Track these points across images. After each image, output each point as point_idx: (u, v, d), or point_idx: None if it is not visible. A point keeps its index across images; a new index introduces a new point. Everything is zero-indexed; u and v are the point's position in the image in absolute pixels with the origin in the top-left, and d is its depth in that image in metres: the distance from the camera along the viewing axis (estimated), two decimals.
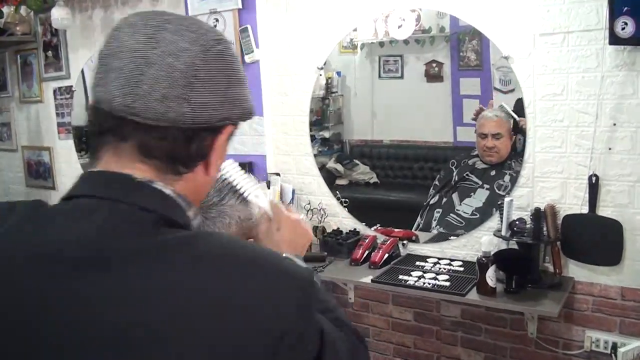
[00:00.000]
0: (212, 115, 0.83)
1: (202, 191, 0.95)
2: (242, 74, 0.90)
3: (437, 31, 2.82)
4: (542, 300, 2.31)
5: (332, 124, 3.28)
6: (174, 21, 0.84)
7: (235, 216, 1.22)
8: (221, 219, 1.20)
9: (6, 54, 4.63)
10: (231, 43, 0.91)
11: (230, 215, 1.21)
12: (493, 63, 2.69)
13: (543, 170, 2.52)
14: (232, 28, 3.05)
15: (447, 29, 2.82)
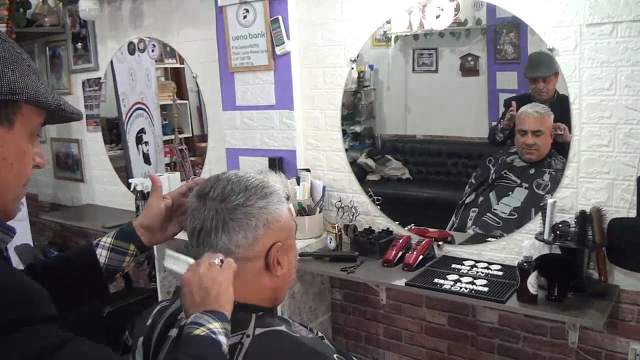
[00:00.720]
0: None
1: None
2: None
3: (474, 24, 2.74)
4: (585, 309, 2.21)
5: (364, 118, 3.23)
6: None
7: (263, 218, 1.17)
8: (247, 221, 1.15)
9: (35, 45, 4.69)
10: None
11: (257, 217, 1.16)
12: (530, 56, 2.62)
13: (588, 171, 2.41)
14: (263, 19, 3.00)
15: (484, 22, 2.73)
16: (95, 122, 4.28)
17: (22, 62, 0.97)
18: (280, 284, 1.24)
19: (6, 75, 0.92)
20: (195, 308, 1.08)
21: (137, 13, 3.82)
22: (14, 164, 0.98)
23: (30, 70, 0.98)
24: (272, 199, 1.19)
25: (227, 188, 1.17)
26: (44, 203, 5.01)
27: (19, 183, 1.02)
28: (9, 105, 0.94)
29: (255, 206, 1.16)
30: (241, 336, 1.10)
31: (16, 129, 0.96)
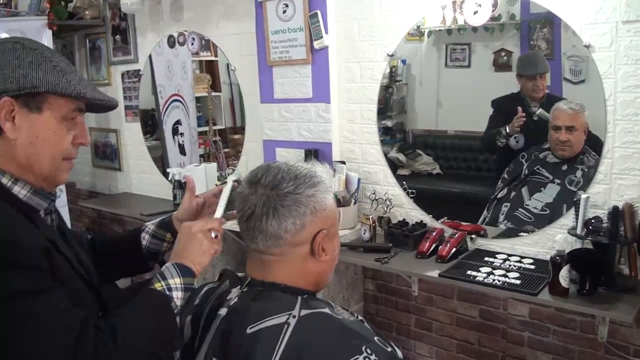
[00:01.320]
0: None
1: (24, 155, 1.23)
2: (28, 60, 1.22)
3: (507, 19, 2.74)
4: (616, 303, 2.23)
5: (395, 113, 3.23)
6: None
7: (311, 206, 1.23)
8: (296, 208, 1.22)
9: (75, 37, 4.77)
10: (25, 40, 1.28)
11: (305, 205, 1.22)
12: (564, 52, 2.59)
13: (622, 167, 2.42)
14: (302, 13, 3.05)
15: (518, 17, 2.73)
16: (134, 112, 4.37)
17: (46, 63, 1.23)
18: (324, 270, 1.30)
19: (30, 74, 1.21)
20: (175, 256, 1.33)
21: (177, 7, 3.88)
22: (46, 141, 1.24)
23: (54, 68, 1.23)
24: (320, 188, 1.25)
25: (278, 176, 1.23)
26: (82, 191, 5.12)
27: (55, 156, 1.26)
28: (36, 97, 1.22)
29: (304, 194, 1.22)
30: (288, 316, 1.16)
31: (45, 114, 1.23)
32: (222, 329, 1.22)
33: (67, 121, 1.26)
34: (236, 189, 1.37)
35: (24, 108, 1.21)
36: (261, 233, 1.22)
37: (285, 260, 1.25)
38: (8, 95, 1.19)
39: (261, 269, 1.27)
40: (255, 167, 1.30)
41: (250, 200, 1.23)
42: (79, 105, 1.28)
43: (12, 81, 1.20)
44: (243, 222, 1.25)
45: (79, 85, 1.25)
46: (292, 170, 1.25)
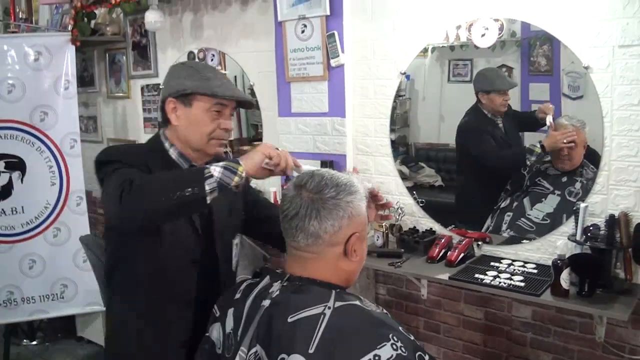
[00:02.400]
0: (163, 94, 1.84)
1: (183, 135, 1.81)
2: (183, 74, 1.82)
3: (508, 36, 2.80)
4: (612, 304, 2.34)
5: (399, 126, 3.30)
6: None
7: (349, 211, 1.36)
8: (336, 211, 1.35)
9: (94, 52, 4.86)
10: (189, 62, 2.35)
11: (344, 209, 1.36)
12: (563, 68, 2.69)
13: (618, 179, 2.54)
14: (320, 33, 3.16)
15: (519, 34, 2.80)
16: (153, 124, 4.46)
17: (195, 74, 1.80)
18: (354, 269, 1.43)
19: (183, 83, 1.80)
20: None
21: (197, 25, 3.98)
22: (195, 126, 1.80)
23: (201, 78, 1.79)
24: (357, 196, 1.39)
25: (321, 182, 1.36)
26: (98, 199, 5.00)
27: (201, 136, 1.81)
28: (187, 96, 1.79)
29: (344, 200, 1.35)
30: (324, 307, 1.28)
31: (194, 108, 1.80)
32: (265, 319, 1.33)
33: (211, 112, 1.79)
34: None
35: (181, 104, 1.79)
36: (302, 232, 1.35)
37: (321, 258, 1.37)
38: (171, 97, 1.79)
39: (299, 265, 1.39)
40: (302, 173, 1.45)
41: (295, 201, 1.36)
42: (219, 101, 1.79)
43: (173, 88, 1.79)
44: (287, 221, 1.37)
45: (216, 88, 1.78)
46: (334, 179, 1.38)
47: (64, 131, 4.05)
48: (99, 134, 5.02)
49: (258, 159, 1.64)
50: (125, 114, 4.74)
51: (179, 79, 1.80)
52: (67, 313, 4.21)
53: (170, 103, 1.80)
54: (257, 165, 1.64)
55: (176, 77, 1.82)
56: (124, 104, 4.73)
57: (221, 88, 1.79)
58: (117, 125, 4.84)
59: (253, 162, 1.64)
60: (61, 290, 4.12)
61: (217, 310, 1.52)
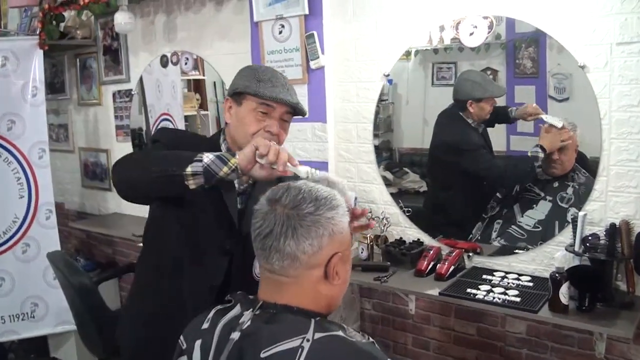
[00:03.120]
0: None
1: (233, 133, 1.86)
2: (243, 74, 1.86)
3: (493, 38, 2.75)
4: (614, 320, 2.25)
5: (382, 131, 3.23)
6: None
7: (329, 228, 1.24)
8: (315, 229, 1.22)
9: (65, 56, 4.73)
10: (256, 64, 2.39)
11: (324, 226, 1.23)
12: (549, 70, 2.65)
13: (617, 185, 2.45)
14: (298, 34, 3.06)
15: (503, 36, 2.76)
16: (125, 132, 4.35)
17: (251, 75, 1.81)
18: (336, 293, 1.31)
19: (238, 83, 1.83)
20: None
21: (170, 27, 3.88)
22: (241, 124, 1.81)
23: (254, 78, 1.79)
24: (339, 211, 1.26)
25: (298, 196, 1.24)
26: (70, 212, 5.05)
27: (245, 134, 1.79)
28: (240, 95, 1.81)
29: (324, 216, 1.23)
30: (302, 340, 1.16)
31: (243, 107, 1.81)
32: (235, 354, 1.21)
33: (256, 113, 1.79)
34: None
35: (234, 103, 1.84)
36: (278, 252, 1.22)
37: (298, 282, 1.25)
38: (228, 95, 1.87)
39: (273, 291, 1.27)
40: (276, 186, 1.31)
41: (269, 218, 1.24)
42: (264, 102, 1.78)
43: (231, 87, 1.86)
44: (260, 240, 1.25)
45: (263, 88, 1.77)
46: (312, 192, 1.26)
47: (32, 140, 3.90)
48: (70, 142, 4.90)
49: (248, 150, 1.60)
50: (97, 121, 4.62)
51: (238, 79, 1.86)
52: (38, 334, 4.07)
53: (227, 102, 1.88)
54: (249, 158, 1.59)
55: (237, 77, 1.88)
56: (95, 110, 4.62)
57: (269, 90, 1.79)
58: (89, 133, 4.72)
59: (244, 155, 1.60)
60: (32, 309, 3.98)
61: (183, 341, 1.37)
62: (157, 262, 1.94)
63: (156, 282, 1.93)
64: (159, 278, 1.92)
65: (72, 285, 2.79)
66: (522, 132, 2.86)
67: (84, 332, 2.98)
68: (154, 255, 1.98)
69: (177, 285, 1.88)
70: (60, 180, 4.91)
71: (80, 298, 2.78)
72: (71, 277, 2.82)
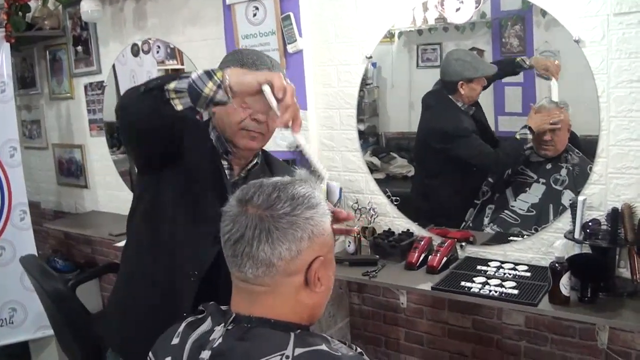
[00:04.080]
0: None
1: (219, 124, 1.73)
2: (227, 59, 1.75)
3: (478, 17, 2.71)
4: (619, 310, 2.17)
5: (367, 116, 3.19)
6: None
7: (308, 230, 1.12)
8: (293, 231, 1.10)
9: (34, 49, 4.65)
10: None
11: (302, 228, 1.11)
12: (536, 48, 2.62)
13: (617, 166, 2.37)
14: (274, 16, 2.96)
15: (489, 15, 2.72)
16: (99, 126, 4.25)
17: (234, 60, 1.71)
18: (318, 302, 1.20)
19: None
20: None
21: (140, 13, 3.77)
22: (226, 113, 1.67)
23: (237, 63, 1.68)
24: (318, 210, 1.15)
25: (272, 195, 1.13)
26: (46, 211, 4.97)
27: (230, 125, 1.67)
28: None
29: (302, 216, 1.12)
30: (280, 357, 1.05)
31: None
32: None
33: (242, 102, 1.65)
34: None
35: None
36: (250, 260, 1.10)
37: (276, 291, 1.13)
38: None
39: (248, 302, 1.15)
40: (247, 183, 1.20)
41: (240, 221, 1.11)
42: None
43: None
44: (230, 246, 1.13)
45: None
46: (288, 190, 1.15)
47: (2, 138, 3.81)
48: (43, 139, 4.80)
49: (251, 77, 1.44)
50: (70, 115, 4.52)
51: (222, 66, 1.75)
52: (17, 340, 3.99)
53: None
54: (247, 82, 1.43)
55: (222, 64, 1.78)
56: (67, 105, 4.51)
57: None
58: (62, 128, 4.62)
59: (241, 77, 1.44)
60: (10, 315, 3.91)
61: (152, 357, 1.25)
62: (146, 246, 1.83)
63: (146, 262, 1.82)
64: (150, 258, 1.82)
65: (46, 291, 2.70)
66: (510, 112, 2.84)
67: (62, 339, 2.92)
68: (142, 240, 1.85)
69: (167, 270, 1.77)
70: (35, 179, 4.83)
71: (55, 304, 2.68)
72: (44, 283, 2.72)
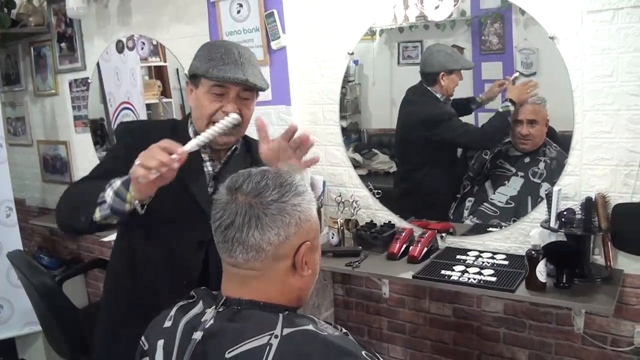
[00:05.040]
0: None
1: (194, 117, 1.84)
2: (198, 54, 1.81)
3: (458, 15, 2.76)
4: (594, 295, 2.25)
5: (350, 113, 3.22)
6: None
7: (296, 216, 1.17)
8: (281, 217, 1.16)
9: (19, 46, 4.65)
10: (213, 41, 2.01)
11: (290, 214, 1.17)
12: (515, 45, 2.66)
13: (591, 157, 2.44)
14: (257, 13, 3.00)
15: (468, 13, 2.76)
16: (84, 122, 4.26)
17: (204, 56, 1.76)
18: (305, 285, 1.25)
19: (195, 64, 1.78)
20: None
21: (124, 10, 3.79)
22: (198, 107, 1.79)
23: (207, 60, 1.74)
24: (305, 197, 1.21)
25: (261, 183, 1.18)
26: (32, 208, 4.97)
27: (202, 117, 1.78)
28: (196, 77, 1.78)
29: (290, 203, 1.17)
30: (269, 337, 1.10)
31: (199, 89, 1.78)
32: (198, 355, 1.15)
33: (210, 94, 1.76)
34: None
35: (193, 85, 1.81)
36: (241, 245, 1.16)
37: (265, 275, 1.18)
38: (188, 78, 1.84)
39: (238, 286, 1.20)
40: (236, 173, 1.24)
41: (230, 208, 1.17)
42: (216, 83, 1.74)
43: (189, 70, 1.82)
44: (220, 232, 1.18)
45: (212, 69, 1.72)
46: (276, 178, 1.20)
47: None
48: (28, 136, 4.80)
49: (137, 174, 1.49)
50: (54, 112, 4.53)
51: (194, 60, 1.81)
52: (5, 336, 3.99)
53: (188, 85, 1.86)
54: (143, 189, 1.53)
55: (194, 58, 1.83)
56: (52, 101, 4.52)
57: (219, 69, 1.74)
58: (47, 125, 4.63)
59: (136, 185, 1.53)
60: None
61: (144, 342, 1.30)
62: (130, 262, 1.89)
63: (131, 283, 1.88)
64: (133, 277, 1.87)
65: (34, 285, 2.74)
66: (490, 108, 2.85)
67: (50, 334, 2.96)
68: (125, 257, 1.92)
69: (153, 284, 1.83)
70: (20, 176, 4.82)
71: (43, 299, 2.72)
72: (32, 278, 2.76)
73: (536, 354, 2.77)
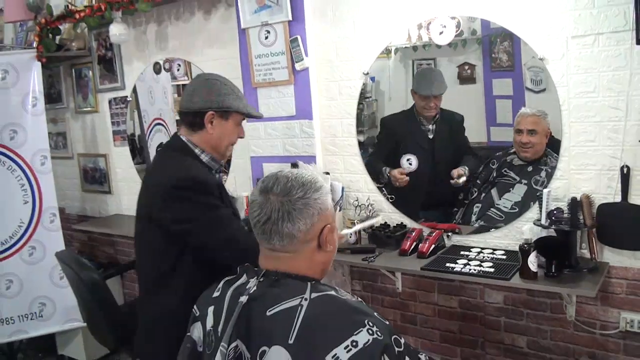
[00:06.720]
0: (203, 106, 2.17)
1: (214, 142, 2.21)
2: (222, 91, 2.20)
3: (469, 34, 2.85)
4: (579, 282, 2.43)
5: (367, 127, 3.33)
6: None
7: (317, 207, 1.43)
8: (307, 210, 1.41)
9: (60, 67, 4.83)
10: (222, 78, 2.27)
11: (313, 207, 1.42)
12: (524, 63, 2.74)
13: (578, 163, 2.63)
14: (283, 39, 3.19)
15: (479, 32, 2.84)
16: (122, 137, 4.47)
17: (232, 93, 2.20)
18: (328, 259, 1.50)
19: (226, 100, 2.18)
20: None
21: (161, 36, 4.00)
22: (226, 136, 2.23)
23: (236, 97, 2.22)
24: (323, 191, 1.46)
25: (287, 184, 1.41)
26: (71, 215, 5.13)
27: (228, 144, 2.26)
28: (227, 112, 2.19)
29: (312, 198, 1.41)
30: (300, 299, 1.33)
31: (229, 122, 2.21)
32: (244, 314, 1.37)
33: (238, 125, 2.25)
34: None
35: (219, 117, 2.18)
36: (277, 234, 1.39)
37: (296, 254, 1.42)
38: (212, 110, 2.16)
39: (275, 262, 1.43)
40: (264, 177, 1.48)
41: (266, 207, 1.40)
42: (244, 116, 2.26)
43: (216, 103, 2.16)
44: (259, 226, 1.41)
45: (248, 107, 2.28)
46: (299, 178, 1.43)
47: (34, 148, 4.04)
48: (68, 149, 5.00)
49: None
50: (95, 127, 4.73)
51: (220, 96, 2.16)
52: (47, 332, 4.17)
53: (211, 115, 2.16)
54: None
55: (217, 93, 2.16)
56: (92, 118, 4.72)
57: (247, 107, 2.27)
58: (87, 140, 4.83)
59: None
60: (40, 309, 4.09)
61: (196, 310, 1.55)
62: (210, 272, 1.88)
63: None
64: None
65: (83, 280, 2.82)
66: (501, 123, 2.96)
67: (94, 326, 3.03)
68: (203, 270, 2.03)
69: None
70: (60, 186, 4.88)
71: (91, 292, 2.82)
72: (81, 273, 2.85)
73: (533, 339, 2.94)
